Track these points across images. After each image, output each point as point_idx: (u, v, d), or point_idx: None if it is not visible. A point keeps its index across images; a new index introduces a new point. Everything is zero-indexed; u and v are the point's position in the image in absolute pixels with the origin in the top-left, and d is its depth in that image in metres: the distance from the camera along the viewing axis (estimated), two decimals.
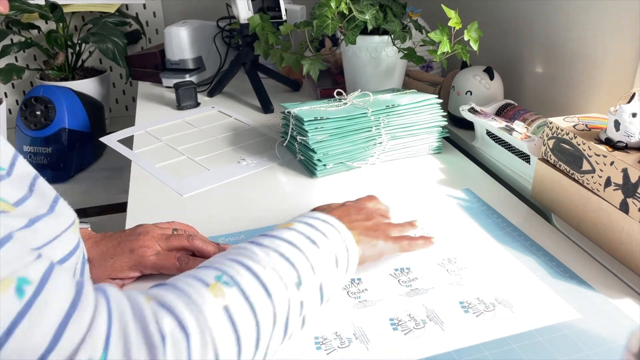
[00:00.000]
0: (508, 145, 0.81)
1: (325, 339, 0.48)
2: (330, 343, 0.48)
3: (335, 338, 0.48)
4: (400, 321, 0.50)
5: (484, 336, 0.48)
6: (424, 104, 0.85)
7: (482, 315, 0.51)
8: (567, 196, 0.66)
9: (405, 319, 0.50)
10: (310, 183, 0.79)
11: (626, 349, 0.47)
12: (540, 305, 0.52)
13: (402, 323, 0.50)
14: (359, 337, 0.48)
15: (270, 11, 1.06)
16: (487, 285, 0.55)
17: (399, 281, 0.56)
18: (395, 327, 0.49)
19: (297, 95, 1.20)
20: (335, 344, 0.47)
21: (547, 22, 0.91)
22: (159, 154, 0.89)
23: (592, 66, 0.82)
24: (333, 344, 0.47)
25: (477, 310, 0.51)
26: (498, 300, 0.53)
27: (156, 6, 1.57)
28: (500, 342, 0.47)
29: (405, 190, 0.76)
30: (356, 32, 0.90)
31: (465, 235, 0.64)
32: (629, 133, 0.59)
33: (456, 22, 0.83)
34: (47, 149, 1.20)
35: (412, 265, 0.58)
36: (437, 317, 0.50)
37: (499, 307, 0.52)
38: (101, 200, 1.19)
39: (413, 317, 0.50)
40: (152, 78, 1.31)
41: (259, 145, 0.92)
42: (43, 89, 1.22)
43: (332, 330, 0.49)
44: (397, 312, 0.51)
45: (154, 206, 0.73)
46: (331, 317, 0.51)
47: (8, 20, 1.35)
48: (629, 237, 0.57)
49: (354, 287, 0.55)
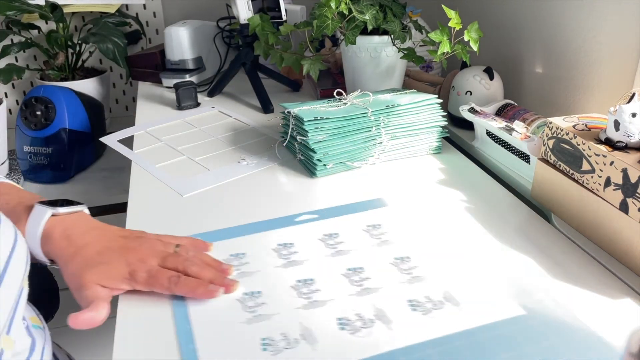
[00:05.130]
0: (508, 145, 0.81)
1: (273, 341, 0.48)
2: (277, 344, 0.47)
3: (282, 339, 0.48)
4: (348, 321, 0.50)
5: (430, 334, 0.48)
6: (423, 104, 0.85)
7: (429, 314, 0.51)
8: (567, 196, 0.66)
9: (354, 319, 0.50)
10: (310, 183, 0.79)
11: (626, 349, 0.47)
12: (487, 302, 0.52)
13: (350, 323, 0.50)
14: (306, 337, 0.48)
15: (270, 11, 1.07)
16: (436, 283, 0.55)
17: (349, 281, 0.55)
18: (343, 327, 0.49)
19: (297, 95, 1.20)
20: (282, 345, 0.47)
21: (547, 22, 0.91)
22: (159, 154, 0.89)
23: (592, 66, 0.82)
24: (279, 345, 0.47)
25: (425, 308, 0.51)
26: (447, 298, 0.53)
27: (156, 6, 1.57)
28: (445, 340, 0.48)
29: (405, 191, 0.76)
30: (356, 32, 0.90)
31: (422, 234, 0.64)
32: (628, 133, 0.59)
33: (456, 22, 0.83)
34: (47, 149, 1.20)
35: (364, 265, 0.58)
36: (385, 316, 0.50)
37: (447, 304, 0.52)
38: (101, 200, 1.19)
39: (361, 317, 0.50)
40: (152, 78, 1.32)
41: (259, 145, 0.92)
42: (43, 89, 1.22)
43: (279, 332, 0.49)
44: (345, 311, 0.51)
45: (154, 206, 0.73)
46: (279, 319, 0.51)
47: (8, 20, 1.35)
48: (629, 237, 0.57)
49: (306, 287, 0.55)
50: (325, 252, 0.61)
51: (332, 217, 0.68)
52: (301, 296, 0.53)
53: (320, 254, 0.60)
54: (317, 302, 0.53)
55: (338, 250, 0.61)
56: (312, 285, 0.55)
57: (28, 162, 1.22)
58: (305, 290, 0.54)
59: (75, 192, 1.22)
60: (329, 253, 0.60)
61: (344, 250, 0.61)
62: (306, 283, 0.55)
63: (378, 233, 0.65)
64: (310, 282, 0.56)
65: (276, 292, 0.54)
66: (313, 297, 0.53)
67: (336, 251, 0.61)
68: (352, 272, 0.57)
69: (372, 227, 0.66)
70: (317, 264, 0.59)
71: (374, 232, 0.65)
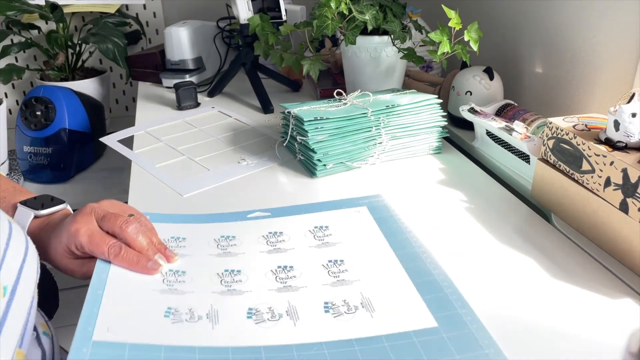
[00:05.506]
0: (508, 146, 0.81)
1: (177, 312, 0.49)
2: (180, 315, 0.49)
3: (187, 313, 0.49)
4: (257, 312, 0.50)
5: (332, 335, 0.48)
6: (423, 104, 0.85)
7: (340, 317, 0.50)
8: (566, 196, 0.66)
9: (264, 310, 0.50)
10: (310, 183, 0.79)
11: (626, 349, 0.47)
12: (402, 311, 0.51)
13: (259, 313, 0.50)
14: (209, 316, 0.49)
15: (270, 11, 1.07)
16: (358, 288, 0.54)
17: (276, 278, 0.55)
18: (250, 316, 0.50)
19: (297, 95, 1.20)
20: (185, 317, 0.49)
21: (547, 22, 0.91)
22: (159, 154, 0.89)
23: (592, 66, 0.82)
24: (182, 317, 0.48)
25: (337, 311, 0.51)
26: (363, 304, 0.52)
27: (156, 6, 1.58)
28: (344, 343, 0.47)
29: (405, 191, 0.76)
30: (356, 33, 0.90)
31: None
32: (628, 133, 0.59)
33: (456, 22, 0.83)
34: (47, 149, 1.20)
35: (295, 264, 0.58)
36: (295, 313, 0.50)
37: (360, 310, 0.51)
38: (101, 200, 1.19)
39: (272, 310, 0.51)
40: (152, 78, 1.32)
41: (259, 145, 0.92)
42: (43, 90, 1.22)
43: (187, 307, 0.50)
44: (259, 304, 0.51)
45: (154, 206, 0.73)
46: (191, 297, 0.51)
47: (8, 20, 1.36)
48: (629, 237, 0.57)
49: (230, 277, 0.55)
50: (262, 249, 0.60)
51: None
52: (223, 283, 0.54)
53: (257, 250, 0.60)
54: (235, 291, 0.53)
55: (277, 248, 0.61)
56: (237, 275, 0.56)
57: (28, 162, 1.22)
58: (228, 279, 0.55)
59: (75, 192, 1.22)
60: (265, 250, 0.60)
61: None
62: (232, 273, 0.56)
63: None
64: (237, 272, 0.56)
65: (200, 275, 0.55)
66: (233, 285, 0.54)
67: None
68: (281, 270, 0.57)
69: None
70: (252, 257, 0.59)
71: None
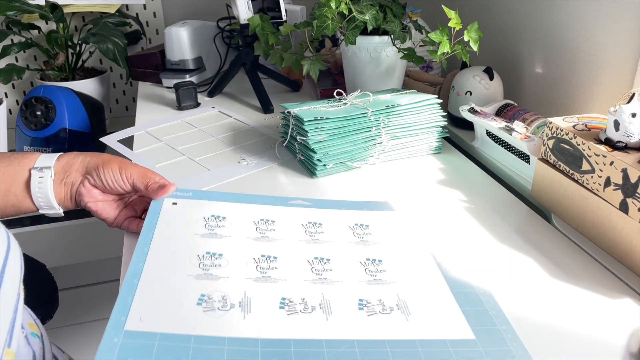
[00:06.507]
0: (508, 146, 0.81)
1: (210, 299, 0.48)
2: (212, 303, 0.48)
3: (220, 301, 0.48)
4: (290, 302, 0.49)
5: (364, 334, 0.47)
6: (423, 104, 0.85)
7: (375, 316, 0.49)
8: (566, 196, 0.66)
9: (297, 301, 0.49)
10: (310, 183, 0.79)
11: (626, 349, 0.47)
12: (439, 319, 0.50)
13: (292, 304, 0.49)
14: (242, 305, 0.48)
15: (270, 11, 1.07)
16: (395, 290, 0.53)
17: (312, 269, 0.55)
18: (283, 307, 0.49)
19: (297, 95, 1.20)
20: (217, 305, 0.48)
21: (547, 22, 0.91)
22: (159, 154, 0.89)
23: (592, 66, 0.82)
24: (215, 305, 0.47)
25: (372, 310, 0.50)
26: (398, 306, 0.51)
27: (156, 6, 1.58)
28: (376, 343, 0.46)
29: (405, 191, 0.76)
30: (356, 33, 0.90)
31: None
32: (628, 133, 0.59)
33: (456, 22, 0.83)
34: (47, 149, 1.20)
35: (332, 257, 0.57)
36: (329, 307, 0.49)
37: (396, 311, 0.50)
38: None
39: (305, 302, 0.50)
40: (152, 78, 1.32)
41: (259, 145, 0.92)
42: (43, 89, 1.22)
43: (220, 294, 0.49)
44: (293, 294, 0.50)
45: None
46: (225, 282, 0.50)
47: (8, 20, 1.36)
48: (629, 237, 0.57)
49: (266, 263, 0.55)
50: (300, 237, 0.60)
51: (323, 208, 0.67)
52: (259, 269, 0.53)
53: (295, 238, 0.60)
54: (270, 278, 0.52)
55: (315, 238, 0.60)
56: (273, 262, 0.55)
57: None
58: (264, 265, 0.54)
59: None
60: (303, 239, 0.60)
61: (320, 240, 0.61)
62: (269, 259, 0.55)
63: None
64: (274, 259, 0.55)
65: (237, 259, 0.54)
66: (269, 272, 0.53)
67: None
68: (318, 261, 0.56)
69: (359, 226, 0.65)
70: (290, 244, 0.58)
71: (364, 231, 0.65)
